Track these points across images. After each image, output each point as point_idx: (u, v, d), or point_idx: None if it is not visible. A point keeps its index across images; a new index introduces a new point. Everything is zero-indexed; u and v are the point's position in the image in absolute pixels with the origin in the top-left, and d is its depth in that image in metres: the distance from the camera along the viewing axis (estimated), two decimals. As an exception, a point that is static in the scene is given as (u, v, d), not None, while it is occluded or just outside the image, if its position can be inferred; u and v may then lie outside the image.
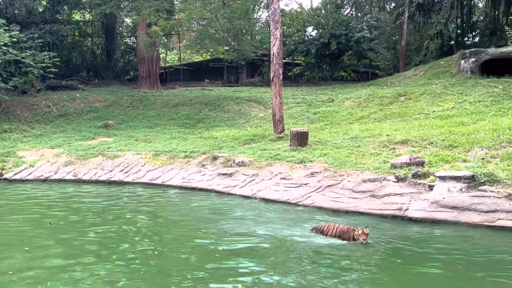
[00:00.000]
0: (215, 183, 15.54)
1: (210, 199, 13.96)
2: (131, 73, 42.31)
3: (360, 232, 8.66)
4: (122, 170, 17.85)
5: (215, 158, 17.40)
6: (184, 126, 24.70)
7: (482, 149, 13.67)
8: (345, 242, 8.93)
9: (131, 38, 43.28)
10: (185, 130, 23.81)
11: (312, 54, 37.87)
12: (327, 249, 8.61)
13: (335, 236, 9.03)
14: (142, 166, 17.98)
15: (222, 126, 24.32)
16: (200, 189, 15.36)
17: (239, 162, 16.50)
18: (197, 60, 47.13)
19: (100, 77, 39.61)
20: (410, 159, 13.25)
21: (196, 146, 19.43)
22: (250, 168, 15.91)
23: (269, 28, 20.43)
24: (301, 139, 17.17)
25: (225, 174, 15.93)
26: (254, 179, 15.01)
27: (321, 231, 9.33)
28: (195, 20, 32.25)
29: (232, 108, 27.27)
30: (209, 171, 16.54)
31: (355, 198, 12.24)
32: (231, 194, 14.46)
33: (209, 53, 39.56)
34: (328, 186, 13.24)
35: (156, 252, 8.76)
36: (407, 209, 11.15)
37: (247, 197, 13.94)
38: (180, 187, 15.86)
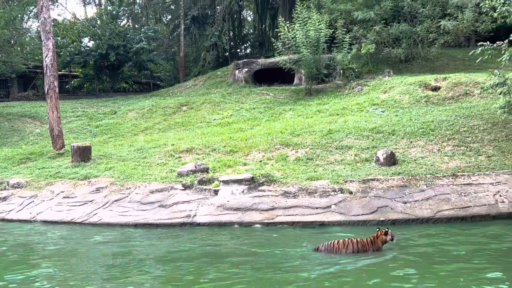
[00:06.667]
0: (-15, 210, 13.85)
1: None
2: None
3: (389, 231, 8.17)
4: None
5: (-16, 182, 15.54)
6: None
7: (259, 152, 14.80)
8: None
9: None
10: None
11: (90, 66, 36.46)
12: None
13: (358, 252, 8.01)
14: None
15: (-8, 145, 21.88)
16: (-32, 219, 13.54)
17: (14, 184, 15.00)
18: (-44, 73, 41.58)
19: None
20: (195, 167, 13.65)
21: (-41, 170, 17.10)
22: (28, 189, 14.59)
23: (41, 39, 19.05)
24: (83, 154, 16.39)
25: (-2, 198, 14.33)
26: (33, 201, 13.79)
27: (333, 249, 8.08)
28: None
29: (3, 125, 24.75)
30: (-22, 197, 14.69)
31: (143, 210, 12.09)
32: (7, 220, 13.04)
33: (-30, 65, 35.25)
34: (115, 200, 12.84)
35: None
36: (195, 215, 11.41)
37: (27, 221, 12.72)
38: None
